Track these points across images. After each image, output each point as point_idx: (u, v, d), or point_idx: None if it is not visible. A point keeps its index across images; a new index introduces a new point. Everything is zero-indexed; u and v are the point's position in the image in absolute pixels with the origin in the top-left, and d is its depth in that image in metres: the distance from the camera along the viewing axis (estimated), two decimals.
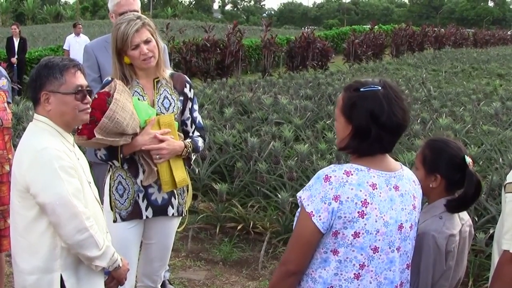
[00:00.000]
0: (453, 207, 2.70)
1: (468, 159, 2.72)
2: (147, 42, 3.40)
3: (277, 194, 6.26)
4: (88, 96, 2.82)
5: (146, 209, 3.55)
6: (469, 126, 9.44)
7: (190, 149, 3.56)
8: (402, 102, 2.35)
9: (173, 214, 3.63)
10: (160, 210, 3.59)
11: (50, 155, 2.65)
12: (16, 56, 15.84)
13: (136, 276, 3.77)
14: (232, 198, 6.64)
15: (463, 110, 11.25)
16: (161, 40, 3.57)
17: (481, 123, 9.93)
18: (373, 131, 2.28)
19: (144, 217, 3.56)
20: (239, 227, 6.17)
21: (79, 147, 3.08)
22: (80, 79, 2.79)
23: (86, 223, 2.68)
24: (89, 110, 2.87)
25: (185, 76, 3.76)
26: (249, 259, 5.70)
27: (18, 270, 2.83)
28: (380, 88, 2.32)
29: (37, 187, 2.64)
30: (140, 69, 3.50)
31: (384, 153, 2.39)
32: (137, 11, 4.34)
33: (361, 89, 2.32)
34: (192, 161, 3.68)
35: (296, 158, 7.12)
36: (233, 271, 5.47)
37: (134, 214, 3.55)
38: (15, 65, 15.69)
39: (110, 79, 3.52)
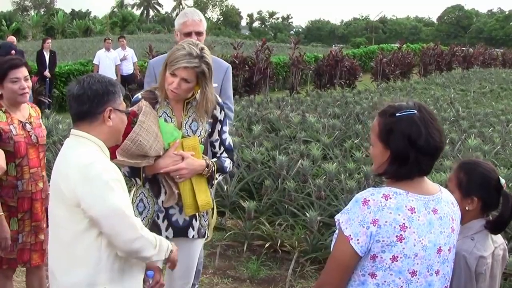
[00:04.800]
0: (492, 229, 2.75)
1: (503, 180, 2.75)
2: (184, 80, 3.34)
3: (305, 212, 6.23)
4: None
5: (167, 230, 3.56)
6: (498, 147, 9.37)
7: (213, 168, 3.53)
8: (437, 123, 2.36)
9: (193, 236, 3.63)
10: (181, 232, 3.59)
11: (98, 169, 2.67)
12: (47, 70, 15.72)
13: None
14: (260, 216, 6.66)
15: (492, 131, 11.17)
16: (212, 84, 3.49)
17: (510, 144, 9.85)
18: (411, 156, 2.29)
19: (164, 237, 3.57)
20: (266, 245, 6.16)
21: None
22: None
23: (141, 231, 2.74)
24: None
25: (217, 97, 3.71)
26: (277, 278, 5.70)
27: (58, 285, 2.82)
28: (415, 111, 2.32)
29: (89, 202, 2.64)
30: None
31: (422, 175, 2.38)
32: (202, 33, 4.40)
33: (397, 114, 2.32)
34: (216, 181, 3.64)
35: (325, 177, 7.11)
36: None
37: None
38: (47, 78, 15.64)
39: (140, 96, 3.52)
